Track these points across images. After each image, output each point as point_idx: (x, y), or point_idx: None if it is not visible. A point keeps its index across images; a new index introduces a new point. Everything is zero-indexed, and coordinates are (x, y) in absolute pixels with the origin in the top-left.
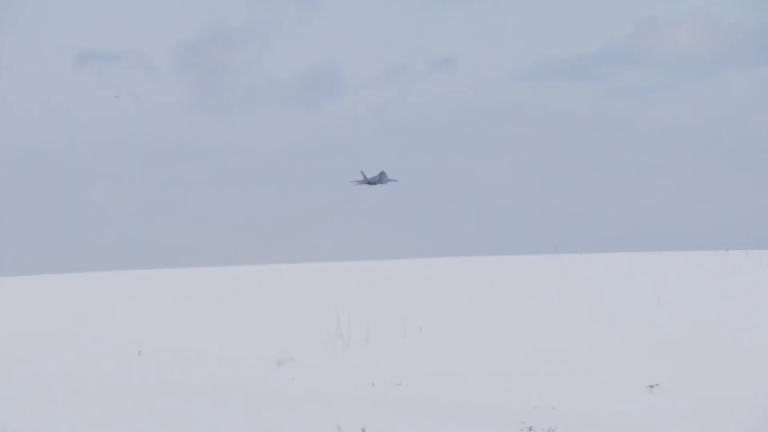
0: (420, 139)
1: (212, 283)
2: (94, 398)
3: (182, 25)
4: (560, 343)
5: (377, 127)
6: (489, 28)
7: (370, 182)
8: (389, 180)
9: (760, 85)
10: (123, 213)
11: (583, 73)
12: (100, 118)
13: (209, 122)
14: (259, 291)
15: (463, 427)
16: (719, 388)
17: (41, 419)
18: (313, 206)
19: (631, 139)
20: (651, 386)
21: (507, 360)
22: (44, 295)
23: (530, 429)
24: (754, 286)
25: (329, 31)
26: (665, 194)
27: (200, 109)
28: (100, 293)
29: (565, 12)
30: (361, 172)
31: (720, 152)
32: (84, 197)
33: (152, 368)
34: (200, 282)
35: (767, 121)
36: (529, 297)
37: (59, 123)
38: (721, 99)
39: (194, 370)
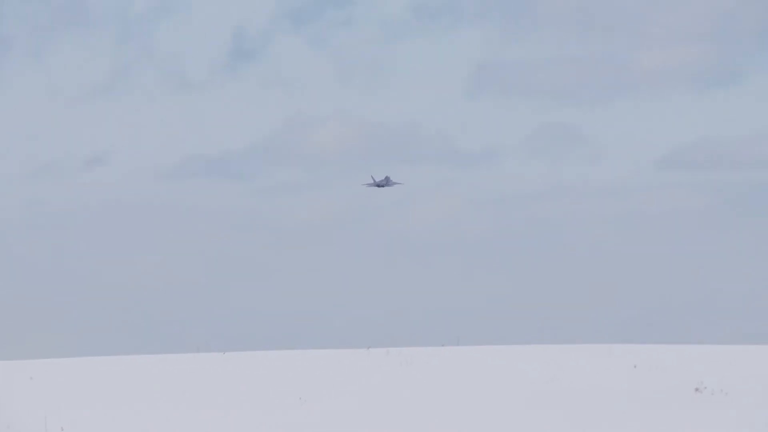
0: (67, 236)
1: None
2: None
3: None
4: None
5: (25, 224)
6: (138, 126)
7: (378, 185)
8: (395, 183)
9: (406, 183)
10: None
11: (228, 170)
12: None
13: None
14: None
15: None
16: None
17: None
18: None
19: (277, 237)
20: None
21: None
22: None
23: None
24: (393, 384)
25: None
26: (308, 292)
27: None
28: None
29: (212, 109)
30: (371, 176)
31: (365, 249)
32: None
33: None
34: None
35: (411, 217)
36: (169, 396)
37: None
38: (367, 195)
39: None
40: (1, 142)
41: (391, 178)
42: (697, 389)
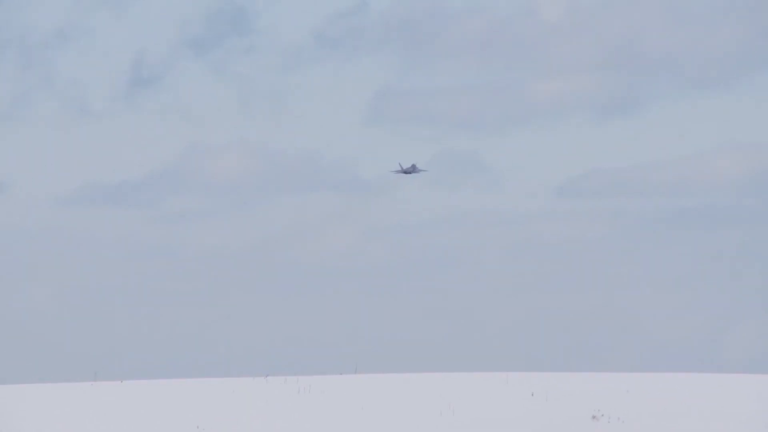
0: None
1: None
2: None
3: None
4: None
5: None
6: (37, 153)
7: (406, 171)
8: (420, 170)
9: (305, 211)
10: None
11: (127, 198)
12: None
13: None
14: None
15: None
16: None
17: None
18: None
19: (176, 265)
20: None
21: None
22: None
23: None
24: (291, 412)
25: None
26: (207, 320)
27: None
28: None
29: (112, 137)
30: (399, 164)
31: (263, 277)
32: None
33: None
34: None
35: (310, 245)
36: (66, 425)
37: None
38: (267, 223)
39: None
40: None
41: (417, 166)
42: (594, 417)
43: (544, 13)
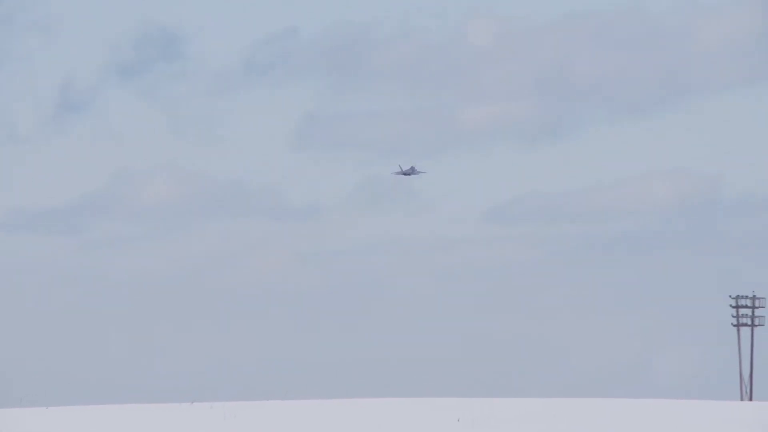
0: None
1: None
2: None
3: None
4: None
5: None
6: None
7: (405, 173)
8: (419, 172)
9: (233, 236)
10: None
11: (54, 224)
12: None
13: None
14: None
15: None
16: None
17: None
18: None
19: (103, 291)
20: None
21: None
22: None
23: None
24: None
25: None
26: (132, 345)
27: None
28: None
29: (38, 162)
30: (399, 166)
31: (189, 302)
32: None
33: None
34: None
35: (237, 271)
36: None
37: None
38: (194, 249)
39: None
40: None
41: (416, 168)
42: None
43: (474, 39)
